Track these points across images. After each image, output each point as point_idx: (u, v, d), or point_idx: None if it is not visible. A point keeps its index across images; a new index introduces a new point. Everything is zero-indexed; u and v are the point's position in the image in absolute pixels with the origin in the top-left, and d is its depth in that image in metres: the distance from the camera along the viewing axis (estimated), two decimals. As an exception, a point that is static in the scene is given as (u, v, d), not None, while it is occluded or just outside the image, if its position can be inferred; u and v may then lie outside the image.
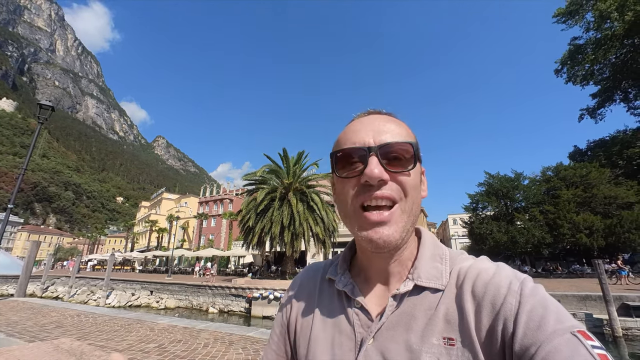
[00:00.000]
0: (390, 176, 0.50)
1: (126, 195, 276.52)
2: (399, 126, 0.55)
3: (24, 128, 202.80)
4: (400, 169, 0.51)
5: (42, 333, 5.12)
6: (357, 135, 0.53)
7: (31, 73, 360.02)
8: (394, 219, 0.49)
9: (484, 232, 27.55)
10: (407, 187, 0.51)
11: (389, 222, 0.49)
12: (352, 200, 0.52)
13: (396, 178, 0.51)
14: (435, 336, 0.46)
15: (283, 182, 20.17)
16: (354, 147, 0.52)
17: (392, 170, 0.50)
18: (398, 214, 0.50)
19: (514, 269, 0.50)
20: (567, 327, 0.39)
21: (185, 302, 19.51)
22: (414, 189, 0.52)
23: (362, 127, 0.54)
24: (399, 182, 0.51)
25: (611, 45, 25.79)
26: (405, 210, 0.51)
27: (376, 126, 0.53)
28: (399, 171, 0.51)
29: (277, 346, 0.65)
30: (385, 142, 0.51)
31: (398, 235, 0.50)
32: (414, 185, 0.52)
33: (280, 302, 0.71)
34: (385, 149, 0.51)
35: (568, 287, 14.30)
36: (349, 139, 0.54)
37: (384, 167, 0.50)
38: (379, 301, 0.55)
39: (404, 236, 0.51)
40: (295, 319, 0.64)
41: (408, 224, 0.51)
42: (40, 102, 8.83)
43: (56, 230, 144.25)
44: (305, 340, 0.58)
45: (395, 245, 0.50)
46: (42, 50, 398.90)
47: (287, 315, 0.66)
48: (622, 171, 26.12)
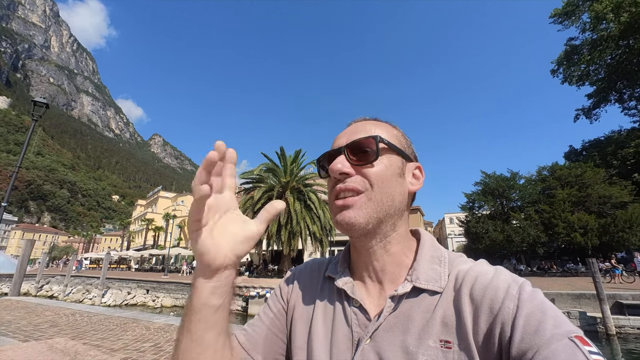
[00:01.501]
0: (356, 170, 0.54)
1: (122, 193, 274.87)
2: (376, 126, 0.58)
3: (18, 125, 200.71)
4: (364, 161, 0.54)
5: (36, 332, 5.07)
6: (336, 142, 0.59)
7: (25, 69, 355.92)
8: (357, 205, 0.52)
9: (480, 231, 27.73)
10: (371, 178, 0.53)
11: (352, 207, 0.52)
12: (329, 195, 0.57)
13: (361, 171, 0.54)
14: (432, 338, 0.46)
15: (280, 180, 20.15)
16: (330, 150, 0.59)
17: (357, 164, 0.54)
18: (363, 201, 0.52)
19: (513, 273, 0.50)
20: (565, 332, 0.39)
21: (182, 300, 19.43)
22: (384, 180, 0.54)
23: (342, 133, 0.60)
24: (364, 173, 0.53)
25: (606, 46, 26.00)
26: (372, 198, 0.52)
27: (351, 129, 0.59)
28: (363, 163, 0.54)
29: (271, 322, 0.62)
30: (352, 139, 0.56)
31: (362, 219, 0.52)
32: (382, 176, 0.54)
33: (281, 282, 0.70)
34: (352, 145, 0.55)
35: (563, 286, 14.44)
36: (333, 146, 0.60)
37: (350, 162, 0.54)
38: (377, 301, 0.55)
39: (371, 222, 0.52)
40: (294, 305, 0.64)
41: (375, 211, 0.52)
42: (34, 99, 8.69)
43: (51, 229, 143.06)
44: (305, 332, 0.59)
45: (361, 228, 0.52)
46: (37, 47, 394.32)
47: (288, 297, 0.66)
48: (617, 171, 26.38)
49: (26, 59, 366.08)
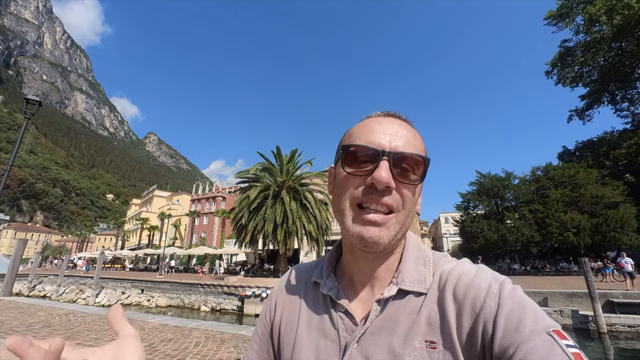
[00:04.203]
0: (396, 185, 0.50)
1: (116, 192, 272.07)
2: (415, 137, 0.54)
3: (10, 123, 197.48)
4: (407, 180, 0.50)
5: (28, 333, 5.01)
6: (373, 135, 0.52)
7: (18, 66, 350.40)
8: (388, 224, 0.49)
9: (475, 231, 27.99)
10: (407, 200, 0.51)
11: (383, 225, 0.49)
12: (351, 196, 0.51)
13: (400, 189, 0.50)
14: (417, 339, 0.47)
15: (276, 180, 20.12)
16: (368, 145, 0.51)
17: (399, 180, 0.50)
18: (393, 222, 0.50)
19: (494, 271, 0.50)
20: (543, 327, 0.40)
21: (177, 300, 19.34)
22: (413, 203, 0.52)
23: (379, 127, 0.52)
24: (402, 193, 0.50)
25: (600, 48, 26.33)
26: (399, 221, 0.51)
27: (394, 130, 0.52)
28: (406, 182, 0.50)
29: (259, 346, 0.65)
30: (400, 150, 0.50)
31: (387, 240, 0.50)
32: (414, 199, 0.52)
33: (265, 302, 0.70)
34: (399, 157, 0.50)
35: (556, 285, 14.63)
36: (364, 136, 0.52)
37: (392, 175, 0.49)
38: (363, 305, 0.55)
39: (393, 243, 0.51)
40: (280, 321, 0.63)
41: (399, 233, 0.51)
42: (27, 96, 8.58)
43: (44, 228, 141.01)
44: (290, 344, 0.58)
45: (383, 248, 0.50)
46: (30, 43, 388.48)
47: (272, 316, 0.66)
48: (609, 172, 26.73)
49: (19, 56, 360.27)
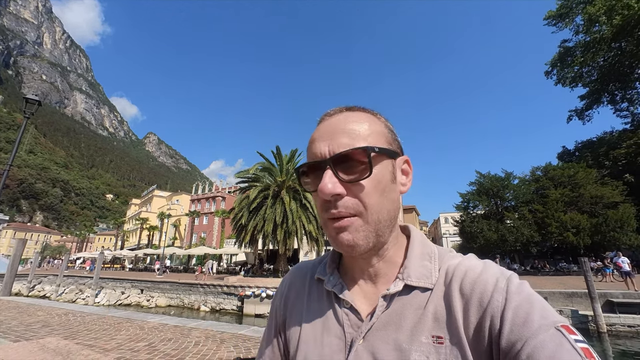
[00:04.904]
0: (347, 188, 0.48)
1: (116, 192, 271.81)
2: (361, 124, 0.51)
3: (9, 123, 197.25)
4: (356, 178, 0.48)
5: (28, 332, 5.01)
6: (313, 146, 0.52)
7: (17, 66, 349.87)
8: (353, 227, 0.48)
9: (474, 231, 27.96)
10: (365, 200, 0.48)
11: (348, 229, 0.48)
12: (321, 210, 0.51)
13: (353, 191, 0.48)
14: (424, 335, 0.47)
15: (276, 180, 20.10)
16: (311, 162, 0.51)
17: (347, 180, 0.48)
18: (359, 224, 0.48)
19: (501, 267, 0.50)
20: (552, 322, 0.40)
21: (177, 300, 19.33)
22: (377, 198, 0.49)
23: (320, 135, 0.52)
24: (355, 194, 0.48)
25: (599, 49, 26.32)
26: (368, 221, 0.49)
27: (334, 131, 0.51)
28: (355, 181, 0.48)
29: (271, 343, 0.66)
30: (337, 152, 0.48)
31: (362, 242, 0.49)
32: (376, 194, 0.49)
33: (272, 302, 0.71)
34: (338, 158, 0.48)
35: (555, 285, 14.63)
36: (310, 151, 0.53)
37: (339, 178, 0.48)
38: (368, 301, 0.54)
39: (371, 241, 0.50)
40: (285, 319, 0.64)
41: (373, 231, 0.49)
42: (26, 96, 8.57)
43: (43, 228, 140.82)
44: (295, 341, 0.58)
45: (363, 249, 0.49)
46: (29, 43, 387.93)
47: (278, 315, 0.66)
48: (608, 172, 26.73)
49: (18, 56, 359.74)
